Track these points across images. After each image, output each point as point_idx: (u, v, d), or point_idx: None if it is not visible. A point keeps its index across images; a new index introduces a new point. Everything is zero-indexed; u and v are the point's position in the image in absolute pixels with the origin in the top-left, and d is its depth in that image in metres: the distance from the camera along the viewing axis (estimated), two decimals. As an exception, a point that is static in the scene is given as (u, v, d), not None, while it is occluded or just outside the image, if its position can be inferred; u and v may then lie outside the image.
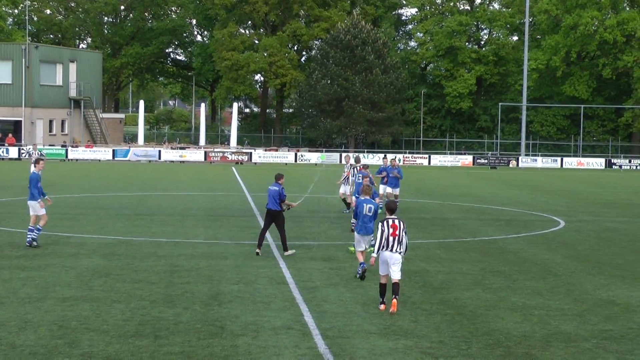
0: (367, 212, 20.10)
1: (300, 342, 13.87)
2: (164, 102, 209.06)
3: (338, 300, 17.23)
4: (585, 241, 28.02)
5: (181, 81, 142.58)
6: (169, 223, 30.48)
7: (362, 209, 20.15)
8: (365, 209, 20.13)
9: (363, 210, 20.13)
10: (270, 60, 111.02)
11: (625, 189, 57.82)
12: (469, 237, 28.29)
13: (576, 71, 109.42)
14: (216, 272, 20.17)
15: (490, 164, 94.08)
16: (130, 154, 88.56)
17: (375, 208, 20.27)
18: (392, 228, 16.70)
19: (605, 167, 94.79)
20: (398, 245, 16.70)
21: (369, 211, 20.12)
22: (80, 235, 26.39)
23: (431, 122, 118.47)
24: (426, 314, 16.25)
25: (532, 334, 14.82)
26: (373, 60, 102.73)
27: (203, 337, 14.04)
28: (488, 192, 50.96)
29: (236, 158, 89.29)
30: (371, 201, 20.49)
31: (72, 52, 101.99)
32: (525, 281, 20.01)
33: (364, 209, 20.14)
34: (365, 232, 20.19)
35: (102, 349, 13.14)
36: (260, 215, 33.34)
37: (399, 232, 16.71)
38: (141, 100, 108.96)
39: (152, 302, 16.69)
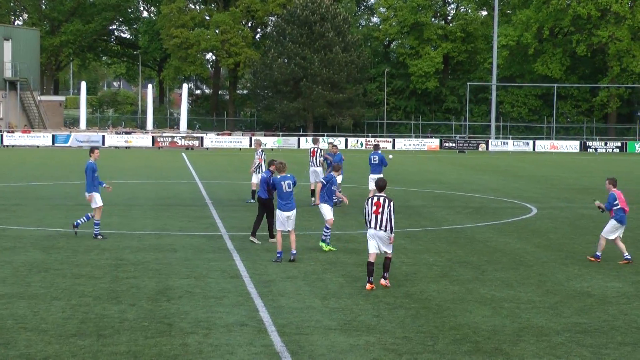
0: (286, 189, 21.07)
1: (255, 339, 13.87)
2: (108, 84, 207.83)
3: (295, 295, 17.26)
4: (558, 229, 28.28)
5: (126, 61, 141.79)
6: (113, 213, 30.34)
7: (282, 187, 21.04)
8: (285, 186, 21.07)
9: (282, 188, 21.03)
10: (223, 37, 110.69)
11: (601, 173, 58.37)
12: (436, 226, 28.44)
13: (549, 48, 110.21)
14: (164, 266, 20.11)
15: (459, 148, 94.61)
16: (72, 139, 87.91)
17: (293, 182, 21.30)
18: (374, 206, 17.81)
19: (580, 150, 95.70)
20: (382, 223, 17.76)
21: (289, 187, 21.11)
22: (17, 228, 26.20)
23: (395, 103, 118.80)
24: (389, 308, 16.32)
25: (501, 328, 14.94)
26: (333, 38, 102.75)
27: (150, 335, 14.00)
28: (456, 178, 51.24)
29: (186, 143, 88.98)
30: (288, 177, 21.24)
31: (6, 29, 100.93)
32: (495, 272, 20.16)
33: (283, 186, 21.04)
34: (287, 209, 20.94)
35: (40, 350, 13.06)
36: (213, 205, 33.37)
37: (382, 209, 17.68)
38: (83, 81, 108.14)
39: (95, 298, 16.61)
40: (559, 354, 13.40)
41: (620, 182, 22.52)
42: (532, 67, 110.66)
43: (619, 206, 21.72)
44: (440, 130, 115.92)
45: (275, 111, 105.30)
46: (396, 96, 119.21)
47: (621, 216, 21.73)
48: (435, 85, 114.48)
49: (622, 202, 21.76)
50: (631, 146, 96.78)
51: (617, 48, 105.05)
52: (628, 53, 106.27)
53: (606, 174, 57.32)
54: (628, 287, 18.69)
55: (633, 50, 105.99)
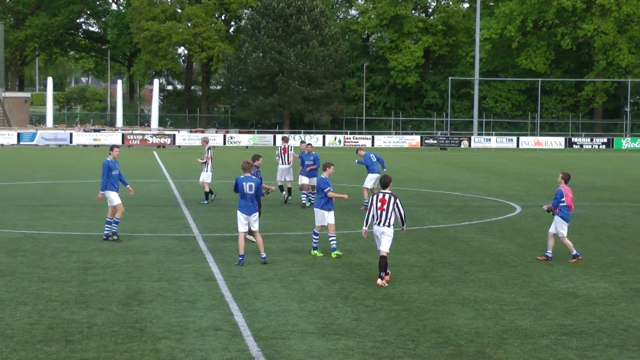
0: (247, 191, 21.01)
1: (230, 344, 13.86)
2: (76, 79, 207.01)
3: (272, 298, 17.26)
4: (543, 228, 28.33)
5: (95, 55, 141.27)
6: (81, 215, 30.24)
7: (243, 187, 21.05)
8: (246, 187, 21.04)
9: (244, 189, 21.03)
10: (195, 31, 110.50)
11: (586, 170, 58.66)
12: (417, 225, 28.48)
13: (533, 41, 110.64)
14: (135, 269, 20.06)
15: (440, 145, 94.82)
16: (38, 137, 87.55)
17: (257, 184, 21.17)
18: (380, 202, 18.78)
19: (565, 146, 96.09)
20: (387, 219, 18.70)
21: (250, 189, 21.02)
22: (-19, 230, 26.07)
23: (374, 99, 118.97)
24: (369, 310, 16.34)
25: (484, 330, 14.98)
26: (309, 31, 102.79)
27: (121, 340, 13.97)
28: (437, 176, 51.37)
29: (158, 141, 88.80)
30: (252, 178, 21.23)
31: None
32: (478, 273, 20.22)
33: (244, 187, 21.04)
34: (247, 212, 21.01)
35: (5, 357, 13.01)
36: (185, 205, 33.32)
37: (387, 206, 18.68)
38: (49, 77, 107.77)
39: (62, 302, 16.56)
40: (543, 356, 13.45)
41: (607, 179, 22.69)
42: (515, 61, 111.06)
43: (565, 203, 21.89)
44: (421, 126, 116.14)
45: (250, 107, 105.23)
46: (375, 91, 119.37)
47: (565, 213, 21.95)
48: (415, 80, 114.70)
49: (569, 200, 21.95)
50: (618, 142, 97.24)
51: (603, 41, 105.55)
52: (614, 46, 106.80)
53: (592, 171, 57.70)
54: (614, 287, 18.79)
55: (619, 44, 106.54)
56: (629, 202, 37.63)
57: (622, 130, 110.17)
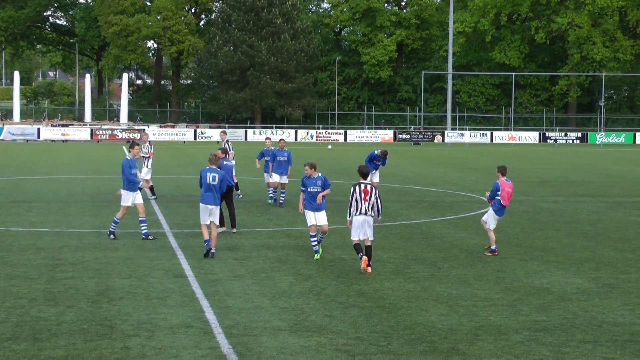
0: (210, 181, 21.53)
1: (201, 341, 13.86)
2: (43, 73, 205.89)
3: (243, 294, 17.26)
4: (517, 224, 28.51)
5: (62, 49, 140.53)
6: (50, 211, 30.12)
7: (206, 178, 21.56)
8: (209, 177, 21.55)
9: (207, 179, 21.55)
10: (165, 24, 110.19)
11: (560, 165, 58.97)
12: (390, 221, 28.55)
13: (507, 35, 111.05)
14: (105, 266, 20.02)
15: (413, 140, 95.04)
16: (5, 132, 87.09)
17: (220, 176, 21.66)
18: (363, 193, 19.65)
19: (539, 141, 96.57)
20: (370, 209, 19.59)
21: (213, 180, 21.55)
22: (-53, 227, 25.92)
23: (347, 93, 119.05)
24: (342, 307, 16.38)
25: (458, 327, 15.05)
26: (281, 25, 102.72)
27: (90, 338, 13.93)
28: (410, 171, 51.49)
29: (127, 136, 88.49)
30: (216, 170, 21.72)
31: None
32: (452, 269, 20.30)
33: (207, 177, 21.55)
34: (209, 202, 21.55)
35: (-27, 355, 12.97)
36: (155, 201, 33.22)
37: (369, 197, 19.59)
38: (16, 71, 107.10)
39: (30, 300, 16.50)
40: (517, 353, 13.53)
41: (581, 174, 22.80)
42: (489, 55, 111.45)
43: (499, 198, 22.19)
44: (394, 121, 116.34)
45: (221, 102, 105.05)
46: (348, 86, 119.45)
47: (498, 208, 22.26)
48: (388, 75, 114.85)
49: (505, 194, 22.24)
50: (592, 137, 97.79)
51: (577, 35, 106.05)
52: (588, 40, 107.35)
53: (566, 165, 58.00)
54: (588, 283, 18.91)
55: (593, 37, 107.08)
56: (603, 197, 37.85)
57: (597, 125, 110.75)
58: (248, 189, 37.28)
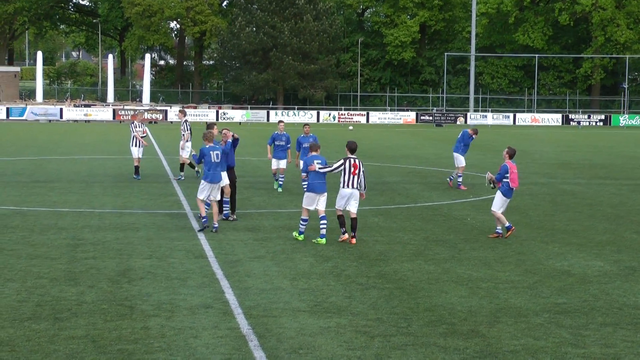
0: (215, 159, 22.24)
1: (221, 322, 13.88)
2: (67, 54, 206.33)
3: (263, 275, 17.27)
4: (538, 206, 28.43)
5: (85, 29, 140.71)
6: (71, 191, 30.20)
7: (210, 157, 22.24)
8: (213, 156, 22.27)
9: (211, 158, 22.23)
10: (188, 4, 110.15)
11: (583, 147, 58.71)
12: (411, 203, 28.51)
13: (530, 17, 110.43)
14: (126, 246, 20.06)
15: (436, 122, 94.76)
16: (27, 112, 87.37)
17: (221, 152, 22.45)
18: (352, 167, 20.61)
19: (562, 123, 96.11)
20: (357, 183, 20.62)
21: (217, 157, 22.28)
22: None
23: (369, 74, 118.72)
24: (362, 288, 16.36)
25: (478, 309, 15.01)
26: (303, 5, 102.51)
27: (110, 318, 13.97)
28: (432, 153, 51.36)
29: (149, 117, 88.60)
30: (217, 147, 22.42)
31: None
32: (472, 251, 20.26)
33: (212, 156, 22.24)
34: (213, 180, 22.18)
35: (-7, 334, 13.03)
36: (177, 181, 33.29)
37: (359, 171, 20.63)
38: (39, 51, 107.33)
39: (51, 280, 16.56)
40: (537, 335, 13.48)
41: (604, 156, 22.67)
42: (512, 37, 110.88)
43: (508, 179, 22.09)
44: (416, 103, 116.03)
45: (243, 83, 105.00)
46: (370, 67, 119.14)
47: (507, 190, 22.18)
48: (411, 56, 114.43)
49: (514, 176, 22.12)
50: (615, 119, 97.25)
51: (601, 17, 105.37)
52: (612, 22, 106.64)
53: (589, 148, 57.73)
54: (609, 265, 18.83)
55: (617, 19, 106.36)
56: (626, 179, 37.68)
57: (620, 107, 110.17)
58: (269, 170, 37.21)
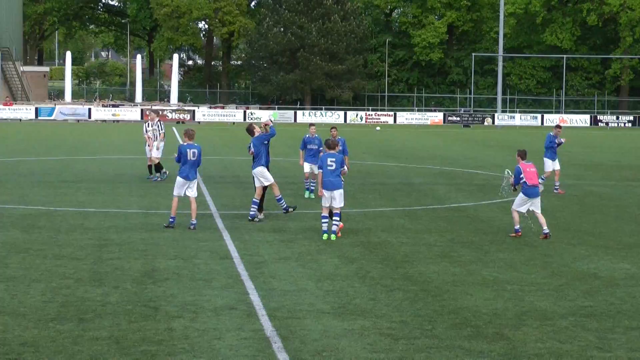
0: (191, 157, 22.57)
1: (245, 323, 13.84)
2: (96, 54, 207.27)
3: (288, 277, 17.23)
4: (565, 208, 28.26)
5: (114, 30, 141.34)
6: (98, 191, 30.28)
7: (187, 154, 22.55)
8: (190, 154, 22.59)
9: (187, 156, 22.57)
10: (216, 5, 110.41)
11: (612, 148, 58.38)
12: (437, 204, 28.41)
13: (558, 17, 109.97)
14: (151, 247, 20.07)
15: (463, 122, 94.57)
16: (56, 112, 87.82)
17: (199, 151, 22.79)
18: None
19: (590, 124, 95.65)
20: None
21: (193, 156, 22.61)
22: (-3, 206, 26.10)
23: (397, 75, 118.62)
24: (386, 290, 16.29)
25: (503, 311, 14.91)
26: (331, 6, 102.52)
27: (134, 319, 13.96)
28: (459, 154, 51.20)
29: (177, 117, 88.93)
30: (194, 146, 22.85)
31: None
32: (498, 253, 20.14)
33: (188, 154, 22.55)
34: (189, 177, 22.63)
35: (17, 335, 13.01)
36: (203, 182, 33.29)
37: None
38: (68, 51, 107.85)
39: (76, 280, 16.57)
40: (562, 338, 13.37)
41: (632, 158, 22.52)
42: (540, 37, 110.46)
43: (524, 179, 22.16)
44: (444, 103, 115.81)
45: (271, 83, 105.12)
46: (398, 68, 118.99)
47: (526, 189, 22.23)
48: (439, 57, 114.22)
49: (529, 175, 22.19)
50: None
51: (629, 17, 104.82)
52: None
53: (617, 149, 57.39)
54: (637, 269, 18.67)
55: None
56: (654, 181, 37.41)
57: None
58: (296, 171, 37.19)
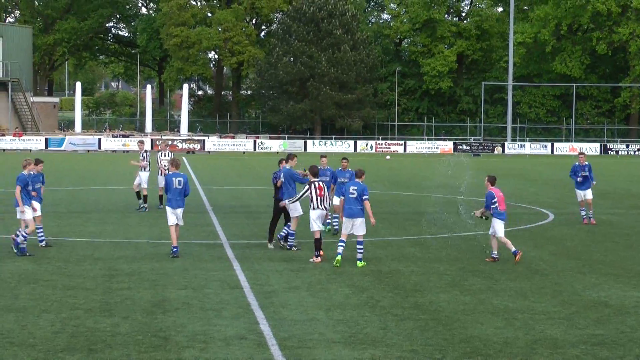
0: (177, 185, 23.09)
1: (255, 353, 13.86)
2: (106, 84, 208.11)
3: (298, 306, 17.24)
4: (575, 236, 28.23)
5: (124, 60, 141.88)
6: (108, 221, 30.36)
7: (172, 183, 23.11)
8: (175, 182, 23.11)
9: (173, 184, 23.09)
10: (226, 36, 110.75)
11: (622, 177, 58.30)
12: (447, 233, 28.40)
13: (567, 46, 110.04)
14: (161, 276, 20.11)
15: (473, 151, 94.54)
16: (66, 143, 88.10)
17: (185, 180, 23.29)
18: (318, 189, 22.73)
19: (600, 152, 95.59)
20: (322, 204, 22.72)
21: (179, 184, 23.11)
22: (5, 236, 26.02)
23: (407, 104, 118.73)
24: (397, 319, 16.30)
25: (514, 340, 14.90)
26: (341, 35, 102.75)
27: (144, 349, 13.99)
28: (469, 182, 51.06)
29: (187, 147, 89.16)
30: (180, 174, 23.36)
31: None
32: (509, 282, 20.12)
33: (173, 182, 23.10)
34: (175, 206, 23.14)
35: (28, 365, 13.07)
36: (213, 211, 33.36)
37: (324, 192, 22.80)
38: (78, 82, 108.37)
39: (86, 311, 16.61)
40: (574, 368, 13.37)
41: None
42: (550, 66, 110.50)
43: (496, 205, 22.77)
44: (454, 132, 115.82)
45: (281, 113, 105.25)
46: (408, 97, 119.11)
47: (499, 213, 22.86)
48: (449, 86, 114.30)
49: (500, 199, 22.86)
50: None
51: (639, 46, 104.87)
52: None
53: (627, 177, 57.32)
54: (648, 297, 18.65)
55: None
56: (665, 209, 37.32)
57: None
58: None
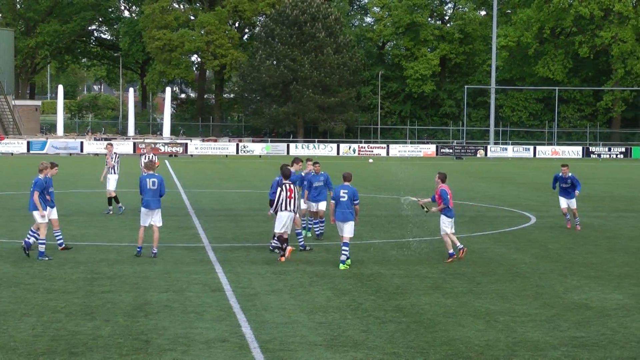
0: (151, 186, 23.41)
1: (237, 356, 13.87)
2: (88, 87, 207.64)
3: (280, 309, 17.26)
4: (557, 239, 28.32)
5: (107, 63, 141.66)
6: (90, 224, 30.32)
7: (146, 184, 23.45)
8: (149, 183, 23.46)
9: (147, 185, 23.44)
10: (208, 39, 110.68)
11: (604, 180, 58.52)
12: (429, 236, 28.42)
13: (550, 49, 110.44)
14: (142, 280, 20.08)
15: (456, 154, 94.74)
16: (48, 146, 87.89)
17: (159, 181, 23.56)
18: (288, 192, 22.93)
19: (582, 156, 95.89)
20: (292, 205, 22.93)
21: (153, 185, 23.43)
22: (-13, 240, 26.07)
23: (390, 107, 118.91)
24: (379, 322, 16.33)
25: (495, 342, 14.96)
26: (324, 39, 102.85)
27: (125, 352, 13.98)
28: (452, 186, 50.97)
29: (170, 150, 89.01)
30: (155, 175, 23.77)
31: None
32: (490, 284, 20.18)
33: (147, 183, 23.44)
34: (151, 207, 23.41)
35: (8, 369, 13.05)
36: (196, 215, 33.30)
37: (294, 195, 22.99)
38: (60, 85, 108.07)
39: (67, 314, 16.58)
40: (554, 369, 13.42)
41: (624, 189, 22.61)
42: (532, 70, 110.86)
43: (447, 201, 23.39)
44: (437, 135, 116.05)
45: (263, 116, 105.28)
46: (391, 100, 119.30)
47: (448, 210, 23.52)
48: (431, 89, 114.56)
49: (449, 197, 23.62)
50: (636, 152, 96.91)
51: (621, 49, 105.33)
52: (632, 55, 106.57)
53: (609, 180, 57.54)
54: (628, 299, 18.73)
55: (637, 52, 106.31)
56: (647, 212, 37.48)
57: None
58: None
